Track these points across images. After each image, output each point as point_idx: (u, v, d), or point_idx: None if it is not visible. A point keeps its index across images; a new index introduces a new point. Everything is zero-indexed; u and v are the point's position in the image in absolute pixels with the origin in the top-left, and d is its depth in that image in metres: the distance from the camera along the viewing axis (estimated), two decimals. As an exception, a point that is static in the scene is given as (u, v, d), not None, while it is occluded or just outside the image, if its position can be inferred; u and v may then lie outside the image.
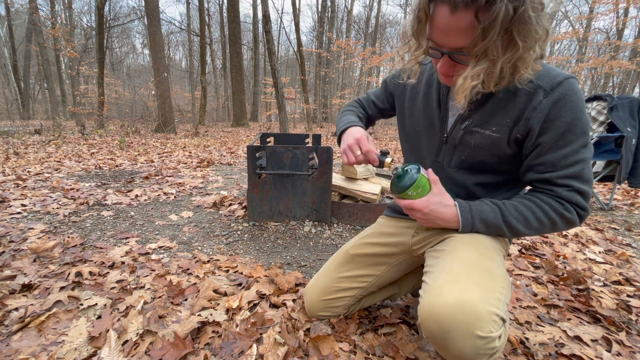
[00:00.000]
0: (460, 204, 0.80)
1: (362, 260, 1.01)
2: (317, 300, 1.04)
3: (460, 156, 0.83)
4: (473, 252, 0.75)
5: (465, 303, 0.62)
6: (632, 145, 2.48)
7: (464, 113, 0.80)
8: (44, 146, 5.40)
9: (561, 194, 0.73)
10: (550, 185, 0.74)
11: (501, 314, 0.64)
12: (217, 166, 4.20)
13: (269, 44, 6.69)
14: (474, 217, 0.78)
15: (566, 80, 0.70)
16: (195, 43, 18.97)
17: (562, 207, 0.74)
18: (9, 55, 16.74)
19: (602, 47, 14.34)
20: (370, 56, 11.25)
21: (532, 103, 0.71)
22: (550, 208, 0.74)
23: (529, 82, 0.71)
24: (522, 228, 0.76)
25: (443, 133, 0.86)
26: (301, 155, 1.95)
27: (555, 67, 0.73)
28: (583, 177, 0.72)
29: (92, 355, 0.92)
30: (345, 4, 20.98)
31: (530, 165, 0.76)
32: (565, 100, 0.69)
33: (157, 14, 8.88)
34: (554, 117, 0.70)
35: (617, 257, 1.73)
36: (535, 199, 0.77)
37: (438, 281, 0.69)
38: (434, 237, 0.90)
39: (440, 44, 0.67)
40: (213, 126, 13.26)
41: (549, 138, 0.71)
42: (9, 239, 1.66)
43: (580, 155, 0.71)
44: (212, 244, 1.75)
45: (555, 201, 0.74)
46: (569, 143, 0.71)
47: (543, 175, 0.75)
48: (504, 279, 0.71)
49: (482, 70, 0.64)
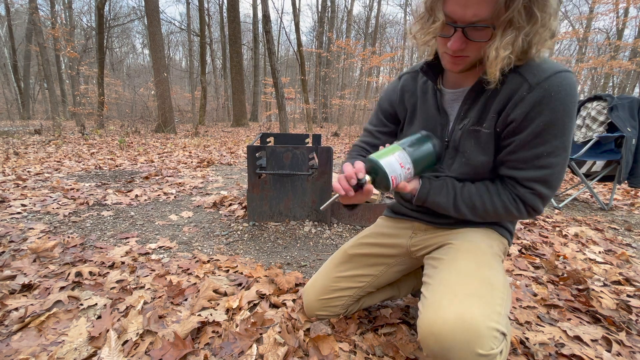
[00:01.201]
0: (422, 183, 0.81)
1: (360, 260, 1.01)
2: (315, 300, 1.04)
3: (461, 159, 0.81)
4: (471, 262, 0.74)
5: (465, 320, 0.61)
6: (632, 145, 2.47)
7: (460, 112, 0.79)
8: (44, 146, 5.40)
9: (521, 194, 0.72)
10: (515, 182, 0.73)
11: (502, 329, 0.62)
12: (217, 166, 4.20)
13: (269, 44, 6.69)
14: (428, 198, 0.81)
15: (555, 75, 0.65)
16: (195, 43, 18.96)
17: (514, 204, 0.74)
18: (9, 55, 16.74)
19: (602, 47, 14.34)
20: (370, 56, 11.24)
21: (514, 98, 0.68)
22: (500, 202, 0.75)
23: (517, 74, 0.68)
24: (468, 214, 0.79)
25: (445, 138, 0.84)
26: (301, 155, 1.95)
27: (555, 62, 0.69)
28: (550, 182, 0.70)
29: (92, 355, 0.92)
30: (345, 4, 21.00)
31: (502, 159, 0.75)
32: (549, 98, 0.65)
33: (157, 14, 8.88)
34: (534, 115, 0.66)
35: (617, 257, 1.73)
36: (494, 189, 0.76)
37: (437, 295, 0.68)
38: (432, 241, 0.90)
39: (456, 17, 0.63)
40: (213, 126, 13.26)
41: (525, 136, 0.69)
42: (9, 239, 1.66)
43: (553, 158, 0.68)
44: (212, 244, 1.75)
45: (510, 197, 0.74)
46: (543, 143, 0.67)
47: (510, 172, 0.73)
48: (503, 288, 0.70)
49: (512, 40, 0.61)
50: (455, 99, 0.81)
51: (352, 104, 12.05)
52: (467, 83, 0.78)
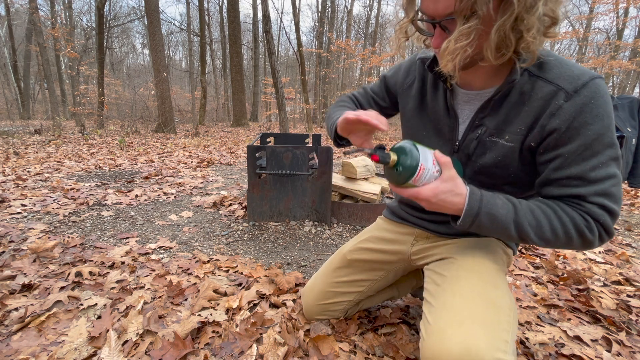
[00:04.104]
0: (471, 190, 0.66)
1: (360, 266, 0.99)
2: (315, 305, 1.03)
3: (474, 167, 0.75)
4: (476, 281, 0.70)
5: (471, 352, 0.59)
6: (632, 145, 2.46)
7: (475, 120, 0.72)
8: (44, 146, 5.40)
9: (591, 210, 0.62)
10: (580, 200, 0.63)
11: (508, 358, 0.60)
12: (217, 166, 4.20)
13: (269, 44, 6.69)
14: (481, 208, 0.65)
15: (592, 81, 0.60)
16: (195, 43, 18.97)
17: (585, 224, 0.62)
18: (9, 55, 16.73)
19: (602, 47, 14.34)
20: (370, 56, 11.25)
21: (550, 107, 0.62)
22: (571, 222, 0.63)
23: (543, 80, 0.62)
24: (532, 235, 0.64)
25: (454, 142, 0.77)
26: (301, 155, 1.95)
27: (577, 64, 0.63)
28: (615, 196, 0.62)
29: (92, 355, 0.92)
30: (345, 4, 21.00)
31: (550, 179, 0.66)
32: (592, 105, 0.59)
33: (157, 14, 8.87)
34: (580, 125, 0.60)
35: (617, 257, 1.73)
36: (557, 207, 0.64)
37: (440, 322, 0.65)
38: (434, 250, 0.87)
39: (431, 13, 0.61)
40: (213, 126, 13.26)
41: (574, 148, 0.61)
42: (9, 239, 1.66)
43: (610, 168, 0.61)
44: (212, 244, 1.75)
45: (580, 216, 0.63)
46: (596, 154, 0.61)
47: (572, 191, 0.63)
48: (509, 310, 0.67)
49: (470, 30, 0.56)
50: (468, 101, 0.75)
51: (352, 104, 12.01)
52: (479, 83, 0.72)
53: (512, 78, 0.64)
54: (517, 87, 0.66)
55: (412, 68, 0.87)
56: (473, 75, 0.72)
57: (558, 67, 0.63)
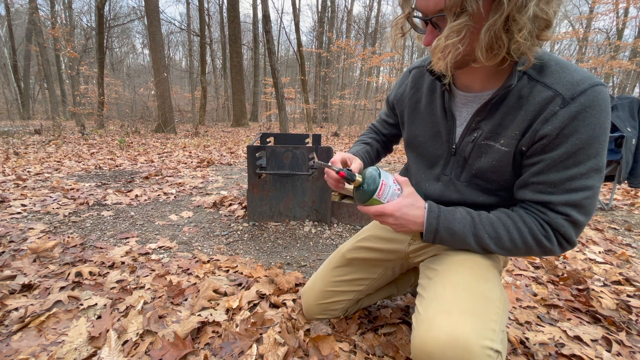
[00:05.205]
0: (429, 207, 0.72)
1: (359, 264, 1.00)
2: (315, 304, 1.03)
3: (471, 170, 0.75)
4: (467, 274, 0.70)
5: (458, 339, 0.59)
6: (632, 145, 2.47)
7: (472, 123, 0.72)
8: (44, 146, 5.40)
9: (552, 221, 0.64)
10: (544, 208, 0.65)
11: (496, 347, 0.60)
12: (217, 166, 4.20)
13: (269, 44, 6.69)
14: (440, 224, 0.71)
15: (592, 89, 0.58)
16: (195, 43, 18.97)
17: (544, 233, 0.65)
18: (9, 55, 16.74)
19: (602, 47, 14.34)
20: (370, 56, 11.25)
21: (545, 113, 0.61)
22: (529, 232, 0.65)
23: (541, 84, 0.62)
24: (492, 246, 0.69)
25: (451, 144, 0.77)
26: (301, 155, 1.95)
27: (581, 68, 0.62)
28: (586, 208, 0.62)
29: (92, 355, 0.92)
30: (345, 4, 21.01)
31: (527, 181, 0.67)
32: (586, 114, 0.58)
33: (157, 14, 8.88)
34: (570, 133, 0.60)
35: (617, 257, 1.73)
36: (517, 218, 0.67)
37: (430, 312, 0.66)
38: (430, 247, 0.87)
39: (423, 9, 0.61)
40: (213, 126, 13.26)
41: (558, 155, 0.61)
42: (9, 239, 1.66)
43: (588, 180, 0.61)
44: (212, 244, 1.75)
45: (539, 225, 0.65)
46: (578, 164, 0.60)
47: (540, 197, 0.65)
48: (499, 302, 0.67)
49: (461, 27, 0.55)
50: (465, 103, 0.75)
51: (352, 104, 12.05)
52: (477, 85, 0.72)
53: (508, 83, 0.64)
54: (515, 91, 0.65)
55: (404, 79, 0.91)
56: (471, 77, 0.72)
57: (559, 71, 0.62)
